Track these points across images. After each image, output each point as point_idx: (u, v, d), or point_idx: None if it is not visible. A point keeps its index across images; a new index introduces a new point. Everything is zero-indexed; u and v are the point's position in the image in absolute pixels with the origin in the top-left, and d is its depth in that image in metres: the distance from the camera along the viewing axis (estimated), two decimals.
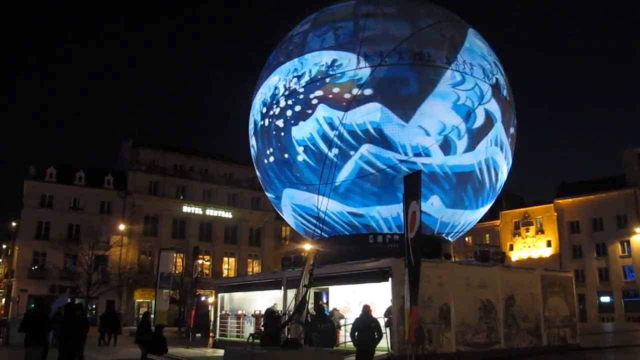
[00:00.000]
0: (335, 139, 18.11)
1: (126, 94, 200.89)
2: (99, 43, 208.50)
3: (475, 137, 19.10)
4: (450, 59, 18.88)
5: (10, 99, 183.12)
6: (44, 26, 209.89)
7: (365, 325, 10.93)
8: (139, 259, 49.59)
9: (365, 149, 18.14)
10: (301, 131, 19.03)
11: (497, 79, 20.15)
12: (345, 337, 14.95)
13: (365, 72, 18.30)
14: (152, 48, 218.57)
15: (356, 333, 10.89)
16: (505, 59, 22.47)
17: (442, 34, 19.54)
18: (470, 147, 19.02)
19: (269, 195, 22.90)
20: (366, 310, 11.29)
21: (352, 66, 18.39)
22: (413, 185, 12.92)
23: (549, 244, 60.56)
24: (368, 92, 18.12)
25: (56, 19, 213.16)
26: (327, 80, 18.67)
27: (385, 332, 14.06)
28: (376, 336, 11.03)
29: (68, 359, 11.39)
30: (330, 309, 17.21)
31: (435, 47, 18.93)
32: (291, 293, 15.35)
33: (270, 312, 16.59)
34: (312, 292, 15.97)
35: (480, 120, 19.20)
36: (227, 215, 55.88)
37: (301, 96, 19.05)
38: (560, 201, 59.93)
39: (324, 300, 18.48)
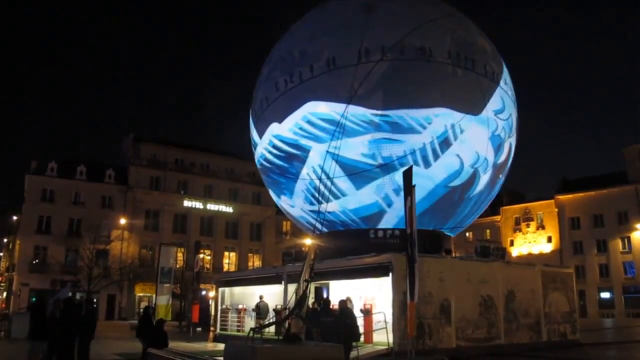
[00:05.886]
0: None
1: (127, 88, 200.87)
2: (100, 38, 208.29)
3: (496, 172, 20.18)
4: (452, 54, 18.82)
5: (12, 94, 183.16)
6: (46, 22, 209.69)
7: (343, 321, 11.17)
8: (140, 253, 49.69)
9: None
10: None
11: (498, 75, 20.11)
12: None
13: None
14: (153, 43, 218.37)
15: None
16: (507, 55, 22.42)
17: (443, 28, 19.46)
18: (490, 183, 20.23)
19: None
20: (343, 305, 11.46)
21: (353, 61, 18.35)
22: (408, 181, 13.06)
23: (549, 239, 60.54)
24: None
25: (57, 15, 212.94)
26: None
27: (386, 327, 14.10)
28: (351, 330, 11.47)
29: (66, 354, 11.41)
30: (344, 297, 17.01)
31: (436, 42, 18.87)
32: (292, 288, 15.35)
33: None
34: (312, 287, 15.96)
35: (504, 155, 20.28)
36: (228, 210, 55.93)
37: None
38: (561, 197, 59.86)
39: (324, 295, 18.50)
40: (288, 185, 20.67)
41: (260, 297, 20.40)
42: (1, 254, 61.80)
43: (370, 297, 16.78)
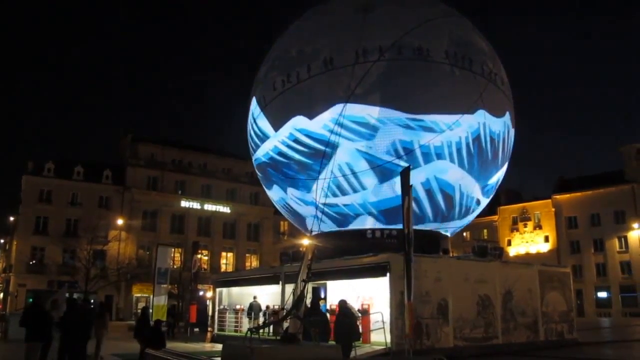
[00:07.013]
0: None
1: (125, 88, 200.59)
2: (98, 38, 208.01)
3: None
4: (450, 54, 18.82)
5: (9, 94, 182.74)
6: (45, 22, 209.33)
7: (343, 321, 11.23)
8: (137, 253, 49.55)
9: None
10: None
11: (495, 74, 20.13)
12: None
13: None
14: (151, 43, 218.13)
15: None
16: (504, 55, 22.51)
17: (441, 28, 19.46)
18: None
19: None
20: (343, 305, 11.47)
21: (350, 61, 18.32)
22: (406, 181, 13.07)
23: (546, 239, 60.65)
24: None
25: (55, 15, 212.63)
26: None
27: (383, 327, 14.10)
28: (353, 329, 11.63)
29: (68, 353, 11.41)
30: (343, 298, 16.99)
31: (434, 42, 18.86)
32: (289, 288, 15.34)
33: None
34: (310, 287, 15.94)
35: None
36: (226, 210, 55.87)
37: None
38: (558, 197, 59.97)
39: (322, 295, 18.51)
40: (305, 183, 20.08)
41: (254, 298, 20.44)
42: None
43: (368, 297, 16.78)
